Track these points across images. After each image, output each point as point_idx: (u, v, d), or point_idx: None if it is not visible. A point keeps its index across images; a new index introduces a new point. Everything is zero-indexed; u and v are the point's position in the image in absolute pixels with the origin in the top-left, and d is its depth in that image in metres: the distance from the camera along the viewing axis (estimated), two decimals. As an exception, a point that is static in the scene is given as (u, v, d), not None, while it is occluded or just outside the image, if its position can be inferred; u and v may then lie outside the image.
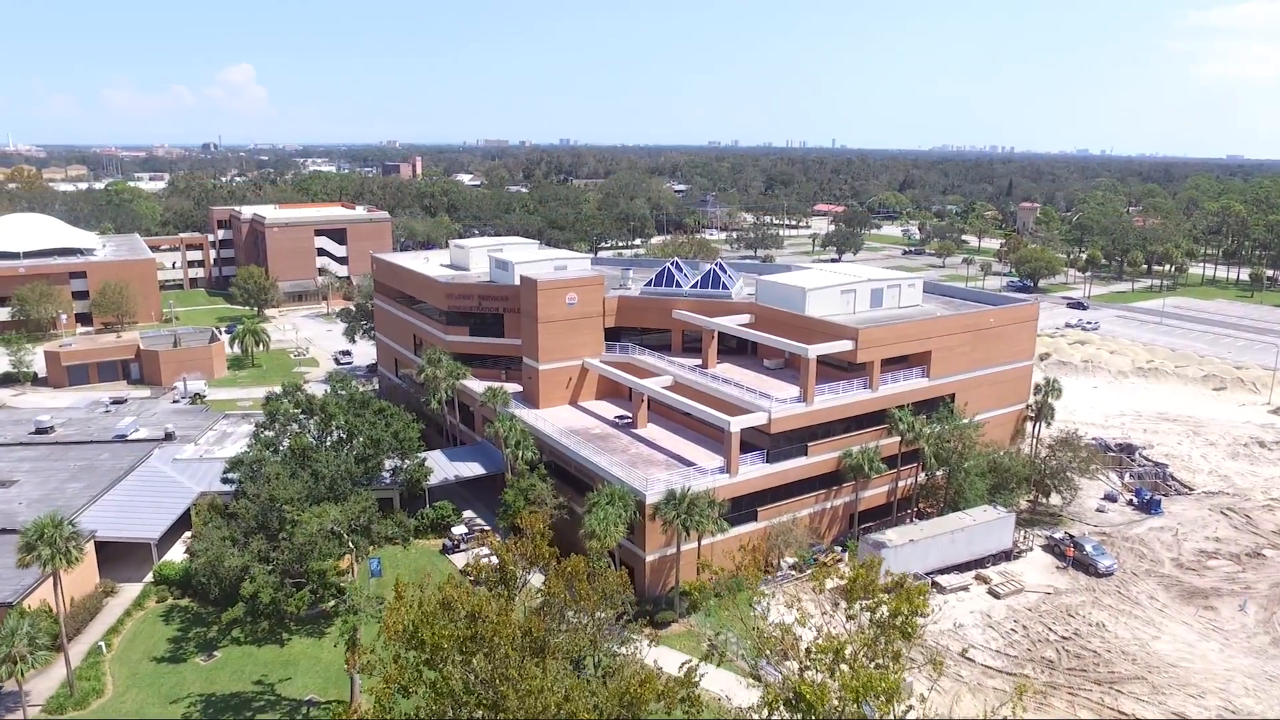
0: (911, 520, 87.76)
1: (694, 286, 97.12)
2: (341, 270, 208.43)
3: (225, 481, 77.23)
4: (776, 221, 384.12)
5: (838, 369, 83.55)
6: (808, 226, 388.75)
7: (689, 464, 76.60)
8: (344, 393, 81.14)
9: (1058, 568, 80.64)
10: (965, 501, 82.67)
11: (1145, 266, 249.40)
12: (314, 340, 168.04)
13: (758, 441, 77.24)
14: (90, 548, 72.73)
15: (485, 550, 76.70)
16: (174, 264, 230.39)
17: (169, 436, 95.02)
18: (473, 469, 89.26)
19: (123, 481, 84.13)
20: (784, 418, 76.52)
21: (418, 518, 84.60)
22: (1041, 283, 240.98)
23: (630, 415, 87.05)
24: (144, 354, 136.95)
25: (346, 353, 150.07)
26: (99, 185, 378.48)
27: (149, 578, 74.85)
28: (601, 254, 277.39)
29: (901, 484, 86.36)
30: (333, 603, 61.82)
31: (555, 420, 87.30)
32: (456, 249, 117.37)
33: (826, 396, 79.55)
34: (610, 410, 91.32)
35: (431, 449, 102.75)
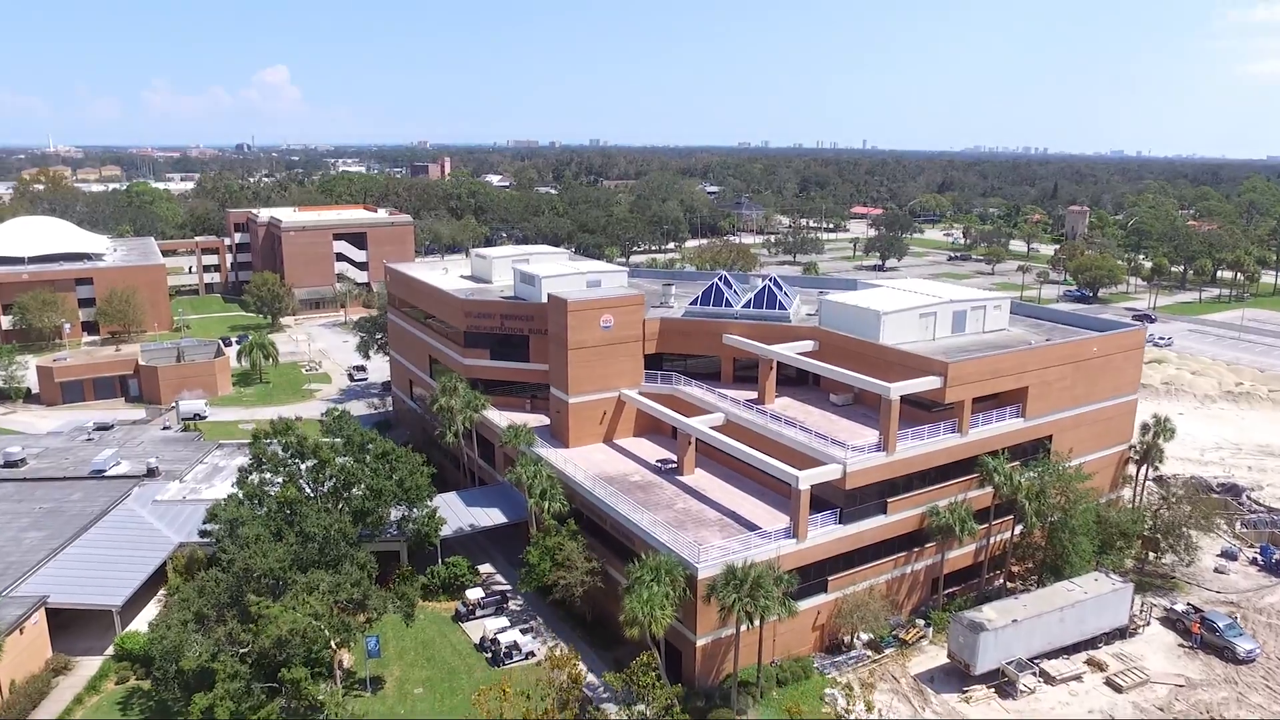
0: (1001, 583, 75.11)
1: (746, 306, 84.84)
2: (361, 276, 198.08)
3: (202, 535, 66.14)
4: (814, 225, 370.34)
5: (919, 408, 70.95)
6: (846, 230, 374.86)
7: (748, 525, 64.36)
8: (340, 436, 69.47)
9: (1183, 648, 67.55)
10: (1069, 566, 69.76)
11: (1211, 275, 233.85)
12: (329, 352, 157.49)
13: (829, 497, 64.91)
14: (40, 616, 61.93)
15: (513, 632, 65.32)
16: (190, 269, 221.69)
17: (151, 473, 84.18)
18: (492, 516, 77.55)
19: (90, 530, 73.28)
20: (862, 470, 64.09)
21: (427, 575, 73.11)
22: (1101, 292, 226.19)
23: (675, 460, 74.91)
24: (143, 370, 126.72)
25: (361, 368, 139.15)
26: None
27: (110, 650, 63.80)
28: (634, 258, 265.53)
29: (992, 539, 73.66)
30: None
31: (588, 463, 75.45)
32: (478, 259, 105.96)
33: (910, 443, 67.00)
34: (651, 450, 79.29)
35: (446, 487, 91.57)
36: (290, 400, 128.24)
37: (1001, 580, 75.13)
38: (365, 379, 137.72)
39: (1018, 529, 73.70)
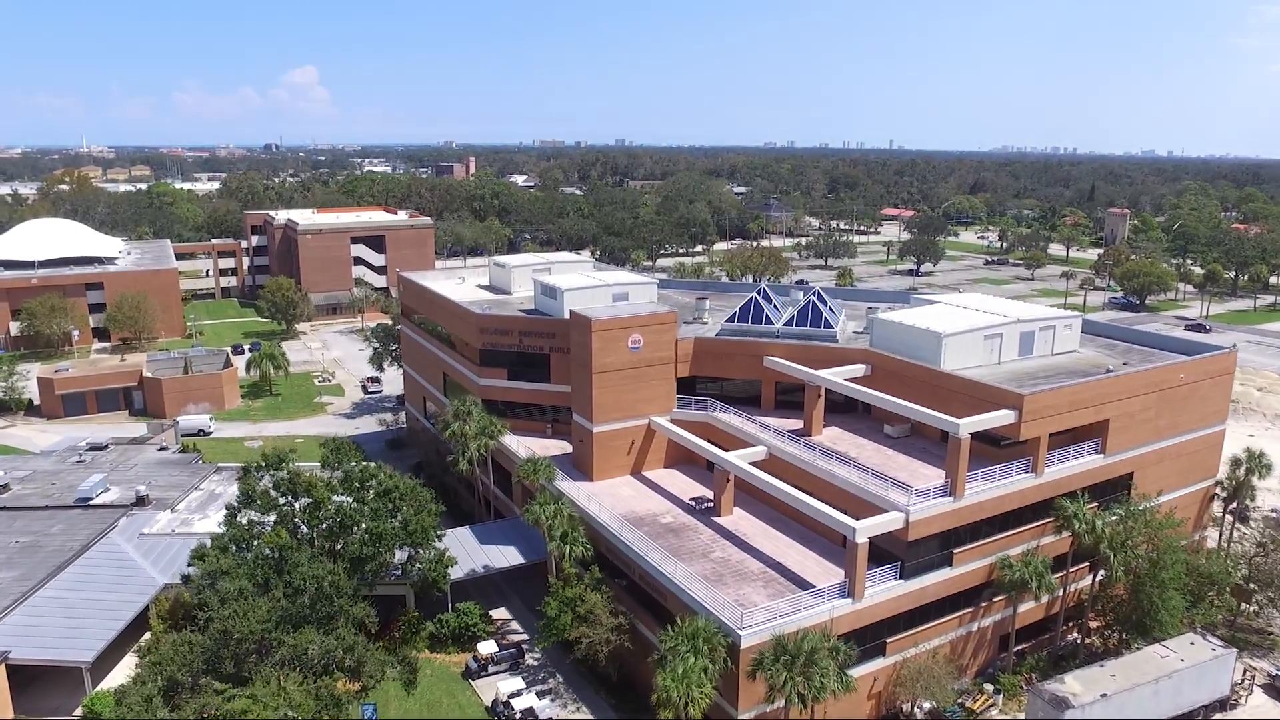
0: (1077, 639, 66.99)
1: (788, 324, 77.02)
2: (379, 281, 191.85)
3: (185, 580, 59.42)
4: (844, 227, 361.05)
5: (986, 443, 62.85)
6: (878, 232, 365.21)
7: (795, 580, 56.63)
8: (338, 470, 62.33)
9: (1292, 722, 59.26)
10: (1158, 625, 61.42)
11: (1264, 282, 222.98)
12: (344, 361, 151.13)
13: (888, 547, 57.07)
14: (0, 673, 55.31)
15: (528, 696, 57.98)
16: (207, 272, 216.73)
17: (140, 501, 77.64)
18: (508, 556, 70.26)
19: (68, 568, 66.72)
20: (926, 519, 56.20)
21: (435, 623, 66.01)
22: (1149, 300, 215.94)
23: (711, 499, 67.23)
24: (146, 382, 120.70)
25: (375, 379, 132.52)
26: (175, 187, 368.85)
27: (79, 711, 57.12)
28: (661, 261, 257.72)
29: (1067, 588, 65.46)
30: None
31: (614, 499, 68.01)
32: (496, 268, 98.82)
33: (979, 486, 58.98)
34: (684, 485, 71.68)
35: (460, 516, 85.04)
36: (300, 414, 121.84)
37: (1078, 637, 66.99)
38: (380, 391, 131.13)
39: (1096, 575, 65.60)
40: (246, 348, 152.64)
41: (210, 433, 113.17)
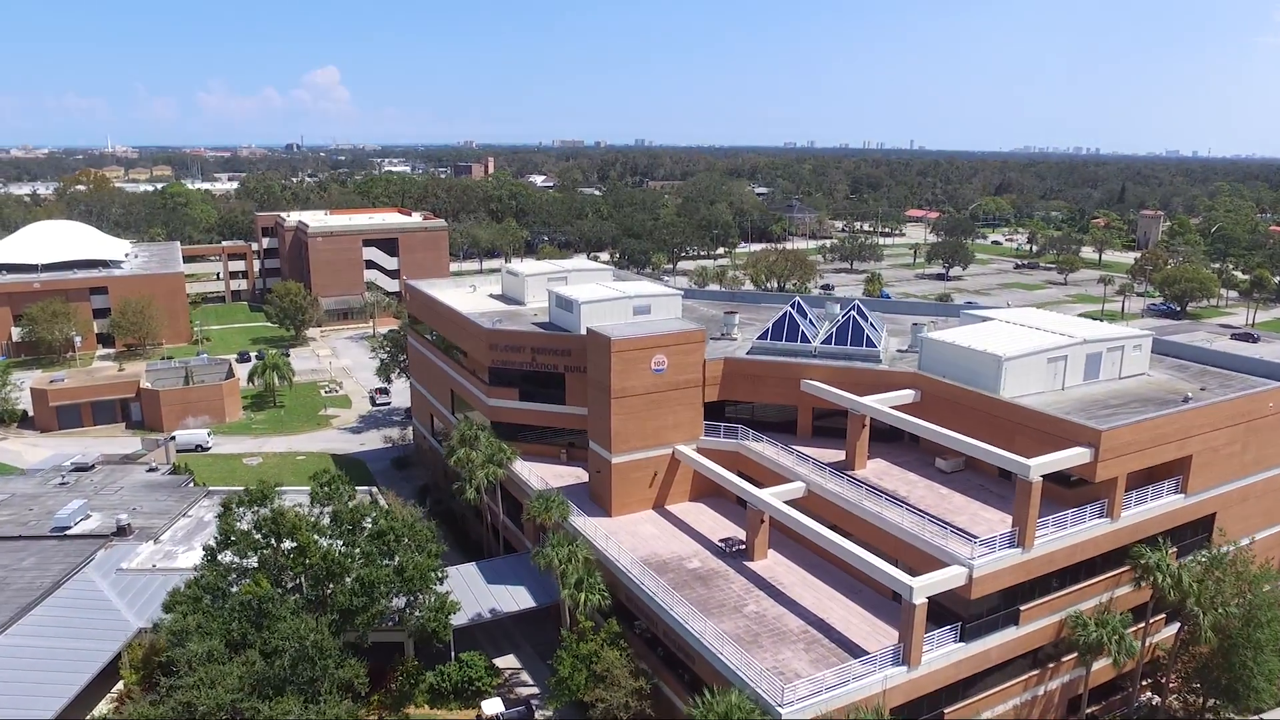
0: (1153, 700, 59.80)
1: (826, 341, 70.15)
2: (392, 285, 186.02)
3: (155, 630, 53.36)
4: (869, 229, 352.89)
5: (1054, 481, 55.73)
6: (902, 234, 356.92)
7: (840, 641, 49.79)
8: (328, 507, 55.97)
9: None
10: (1253, 693, 54.17)
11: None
12: (352, 370, 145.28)
13: (947, 604, 50.14)
14: (-52, 739, 49.29)
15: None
16: (218, 275, 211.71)
17: (121, 531, 71.68)
18: (518, 599, 63.69)
19: (35, 609, 60.71)
20: (993, 574, 49.23)
21: (436, 674, 59.57)
22: (1190, 306, 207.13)
23: (742, 541, 60.40)
24: (144, 394, 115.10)
25: (384, 391, 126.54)
26: (191, 187, 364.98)
27: (37, 780, 51.09)
28: (682, 264, 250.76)
29: (1144, 641, 58.29)
30: None
31: (634, 539, 61.43)
32: (509, 276, 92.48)
33: (1050, 534, 51.93)
34: (711, 521, 64.89)
35: (467, 546, 79.02)
36: (303, 428, 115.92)
37: (1154, 697, 59.80)
38: (388, 403, 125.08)
39: (1173, 626, 58.48)
40: (253, 355, 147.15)
41: (209, 448, 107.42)
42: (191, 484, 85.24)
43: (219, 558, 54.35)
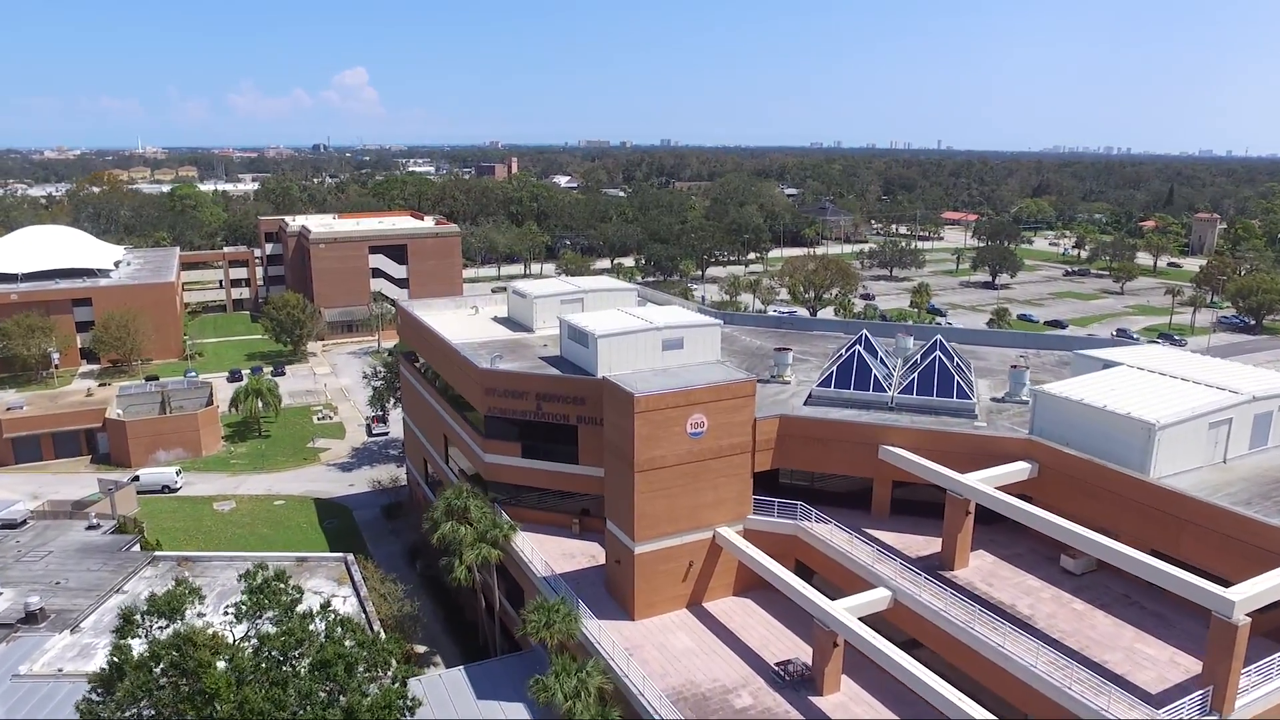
0: None
1: (906, 390, 55.66)
2: (401, 294, 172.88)
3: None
4: (905, 232, 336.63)
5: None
6: (940, 238, 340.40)
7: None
8: (253, 635, 41.99)
9: None
10: None
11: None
12: (350, 391, 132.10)
13: (1104, 791, 35.60)
14: None
15: None
16: (219, 283, 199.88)
17: (31, 617, 58.36)
18: (514, 717, 49.77)
19: (-104, 740, 47.60)
20: (1178, 758, 34.65)
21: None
22: (1266, 319, 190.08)
23: (806, 665, 45.80)
24: (110, 424, 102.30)
25: (381, 419, 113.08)
26: (204, 188, 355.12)
27: None
28: (711, 270, 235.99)
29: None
30: None
31: (663, 655, 47.21)
32: (516, 298, 78.84)
33: (1251, 689, 37.14)
34: (762, 630, 50.36)
35: (461, 633, 65.20)
36: (288, 464, 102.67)
37: None
38: (385, 434, 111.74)
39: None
40: (245, 373, 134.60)
41: (177, 488, 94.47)
42: (137, 547, 71.90)
43: (113, 693, 40.53)
